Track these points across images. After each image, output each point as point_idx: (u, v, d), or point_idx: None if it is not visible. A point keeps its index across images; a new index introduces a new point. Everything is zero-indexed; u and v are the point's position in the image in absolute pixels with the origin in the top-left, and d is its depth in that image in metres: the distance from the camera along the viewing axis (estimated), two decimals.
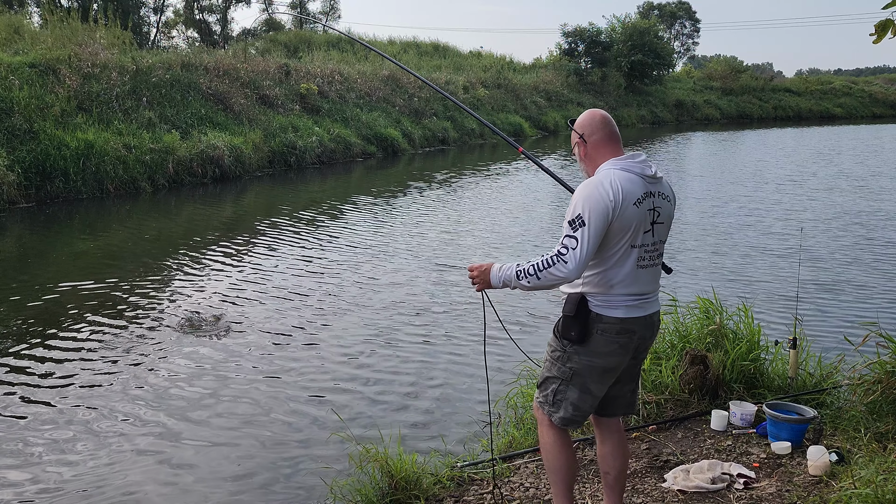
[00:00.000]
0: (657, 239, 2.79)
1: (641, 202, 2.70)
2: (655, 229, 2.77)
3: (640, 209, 2.70)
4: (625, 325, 2.75)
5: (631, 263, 2.72)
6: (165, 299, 7.40)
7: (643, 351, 2.93)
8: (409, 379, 5.47)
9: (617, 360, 2.80)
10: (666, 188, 2.83)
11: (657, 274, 2.86)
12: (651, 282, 2.82)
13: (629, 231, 2.69)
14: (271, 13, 49.10)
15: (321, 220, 11.82)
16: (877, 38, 3.39)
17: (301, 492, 3.94)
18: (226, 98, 18.31)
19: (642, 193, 2.71)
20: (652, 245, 2.77)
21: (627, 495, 3.50)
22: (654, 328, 2.90)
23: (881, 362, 4.05)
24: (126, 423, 4.69)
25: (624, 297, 2.75)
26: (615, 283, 2.73)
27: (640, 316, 2.79)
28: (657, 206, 2.76)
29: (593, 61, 40.47)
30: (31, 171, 12.55)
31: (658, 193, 2.77)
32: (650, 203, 2.73)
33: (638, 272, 2.75)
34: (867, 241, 10.22)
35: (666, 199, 2.81)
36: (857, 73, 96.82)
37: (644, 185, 2.72)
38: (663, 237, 2.83)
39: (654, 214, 2.75)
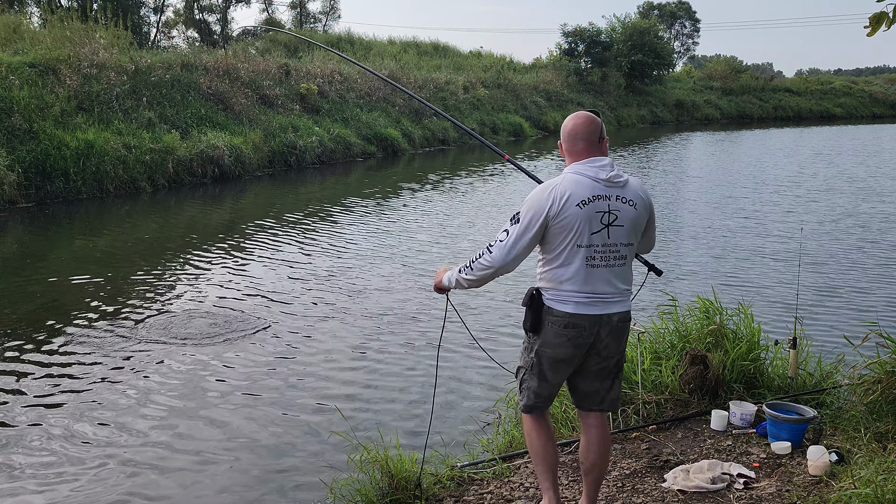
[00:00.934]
0: (614, 241, 2.86)
1: (587, 203, 2.82)
2: (611, 232, 2.85)
3: (585, 210, 2.82)
4: (572, 319, 2.88)
5: (578, 262, 2.85)
6: (165, 300, 7.40)
7: (606, 350, 2.96)
8: (409, 379, 5.47)
9: (566, 352, 2.93)
10: (631, 192, 2.89)
11: (618, 275, 2.90)
12: (607, 282, 2.88)
13: (572, 231, 2.82)
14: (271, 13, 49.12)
15: (321, 221, 11.82)
16: (871, 31, 3.40)
17: (301, 492, 3.94)
18: (226, 98, 18.31)
19: (590, 196, 2.83)
20: (604, 246, 2.85)
21: (627, 495, 3.51)
22: (613, 329, 2.93)
23: (881, 362, 4.05)
24: (125, 424, 4.68)
25: (574, 293, 2.87)
26: (564, 281, 2.87)
27: (593, 314, 2.87)
28: (613, 209, 2.85)
29: (593, 61, 40.47)
30: (31, 171, 12.55)
31: (617, 197, 2.86)
32: (602, 205, 2.83)
33: (589, 271, 2.85)
34: (867, 242, 10.21)
35: (628, 202, 2.87)
36: (857, 73, 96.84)
37: (594, 189, 2.84)
38: (625, 240, 2.88)
39: (609, 217, 2.84)
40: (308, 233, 10.83)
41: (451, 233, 10.86)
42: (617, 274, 2.90)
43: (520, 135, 29.54)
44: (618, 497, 3.49)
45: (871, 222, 11.58)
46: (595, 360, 2.99)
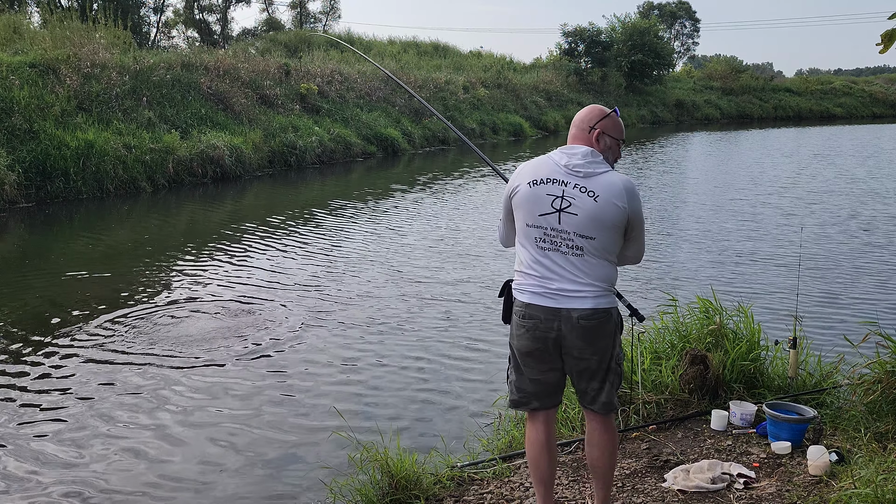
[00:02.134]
0: (566, 229, 2.79)
1: (538, 184, 2.84)
2: (563, 217, 2.80)
3: (534, 190, 2.84)
4: (528, 310, 2.87)
5: (529, 243, 2.87)
6: (165, 300, 7.40)
7: (577, 351, 2.85)
8: (409, 379, 5.47)
9: (528, 345, 2.89)
10: (597, 185, 2.79)
11: (576, 267, 2.80)
12: (562, 271, 2.81)
13: (521, 209, 2.88)
14: (271, 13, 49.12)
15: (321, 221, 11.82)
16: (883, 48, 3.42)
17: (301, 491, 3.94)
18: (226, 98, 18.32)
19: (545, 177, 2.84)
20: (553, 230, 2.81)
21: (627, 495, 3.51)
22: (576, 327, 2.80)
23: (881, 362, 4.05)
24: (124, 424, 4.69)
25: (529, 282, 2.86)
26: (522, 261, 2.90)
27: (548, 307, 2.82)
28: (567, 195, 2.80)
29: (593, 61, 40.47)
30: (31, 171, 12.56)
31: (575, 185, 2.80)
32: (555, 189, 2.81)
33: (539, 253, 2.84)
34: (867, 242, 10.21)
35: (588, 193, 2.78)
36: (857, 73, 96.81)
37: (552, 172, 2.84)
38: (580, 230, 2.79)
39: (561, 202, 2.80)
40: (308, 233, 10.83)
41: (442, 234, 10.86)
42: (574, 265, 2.80)
43: (520, 135, 29.54)
44: (618, 497, 3.49)
45: (871, 222, 11.58)
46: (571, 361, 2.90)
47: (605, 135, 2.92)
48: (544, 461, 3.02)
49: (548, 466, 3.03)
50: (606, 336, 2.87)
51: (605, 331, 2.86)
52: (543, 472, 3.04)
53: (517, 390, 3.03)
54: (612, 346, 2.90)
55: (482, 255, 9.34)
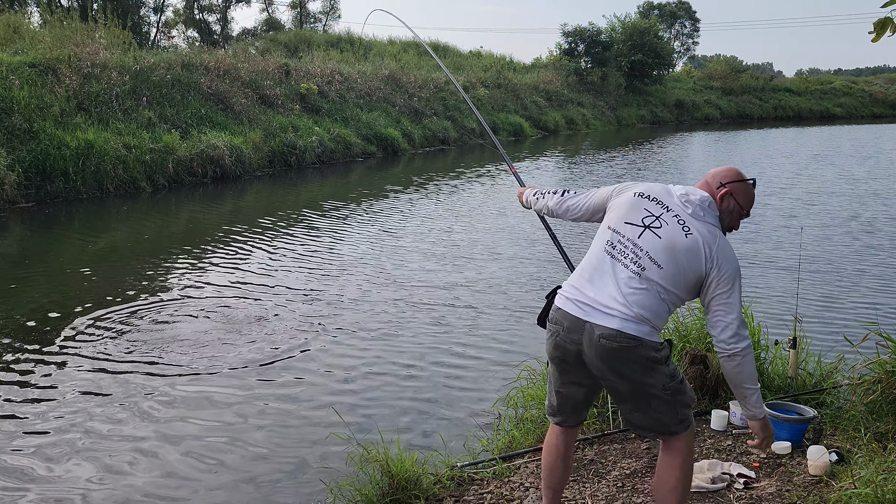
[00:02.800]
0: (642, 245, 2.66)
1: (643, 197, 2.78)
2: (645, 235, 2.67)
3: (637, 200, 2.78)
4: (556, 314, 2.77)
5: (601, 244, 2.77)
6: (165, 300, 7.40)
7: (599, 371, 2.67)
8: (409, 378, 5.47)
9: (551, 351, 2.81)
10: (696, 226, 2.66)
11: (627, 285, 2.63)
12: (605, 280, 2.66)
13: (614, 210, 2.82)
14: (271, 13, 49.11)
15: (319, 222, 11.82)
16: (876, 37, 3.40)
17: (301, 492, 3.93)
18: (226, 98, 18.32)
19: (653, 196, 2.78)
20: (629, 241, 2.68)
21: (627, 495, 3.51)
22: (596, 346, 2.62)
23: (881, 362, 4.05)
24: (123, 424, 4.69)
25: (574, 284, 2.76)
26: (582, 262, 2.82)
27: (573, 315, 2.68)
28: (663, 219, 2.69)
29: (593, 61, 40.46)
30: (31, 171, 12.55)
31: (675, 215, 2.69)
32: (655, 209, 2.73)
33: (602, 257, 2.72)
34: (867, 242, 10.21)
35: (683, 226, 2.65)
36: (857, 72, 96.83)
37: (663, 195, 2.78)
38: (655, 256, 2.63)
39: (651, 220, 2.70)
40: (308, 233, 10.83)
41: (441, 236, 10.87)
42: (625, 282, 2.63)
43: (520, 135, 29.54)
44: (618, 497, 3.49)
45: (872, 223, 11.58)
46: (599, 379, 2.76)
47: (732, 197, 2.82)
48: (558, 470, 2.98)
49: (561, 475, 3.00)
50: (634, 364, 2.63)
51: (632, 358, 2.61)
52: (556, 481, 3.00)
53: (549, 395, 2.96)
54: (645, 377, 2.65)
55: (483, 257, 9.34)
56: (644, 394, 2.69)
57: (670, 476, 2.78)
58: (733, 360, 2.64)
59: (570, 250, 3.62)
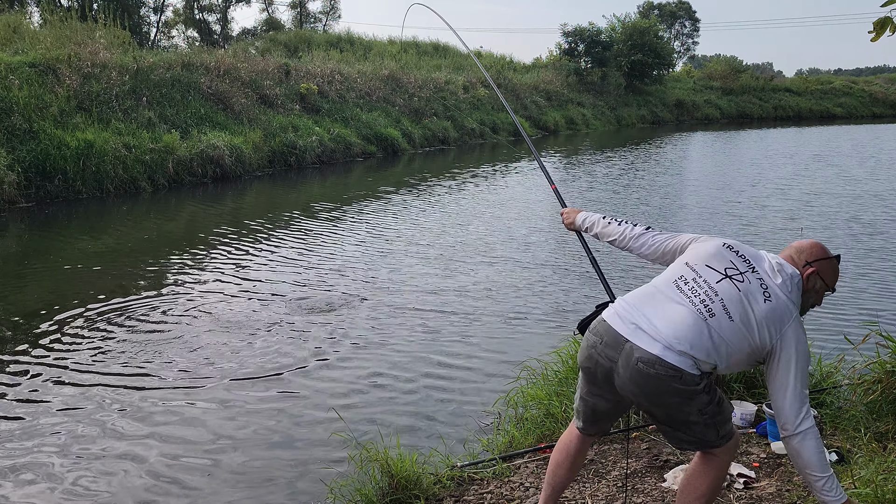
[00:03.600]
0: (718, 291, 2.56)
1: (731, 250, 2.69)
2: (724, 283, 2.57)
3: (723, 251, 2.68)
4: (598, 324, 2.67)
5: (673, 275, 2.66)
6: (165, 301, 7.40)
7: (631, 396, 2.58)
8: (410, 378, 5.47)
9: (583, 359, 2.72)
10: (776, 295, 2.56)
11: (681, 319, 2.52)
12: (665, 311, 2.55)
13: (694, 251, 2.74)
14: (271, 13, 49.10)
15: (321, 221, 11.83)
16: (875, 36, 3.39)
17: (301, 492, 3.94)
18: (226, 98, 18.32)
19: (741, 252, 2.68)
20: (705, 284, 2.58)
21: (627, 495, 3.51)
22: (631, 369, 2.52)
23: (881, 362, 4.05)
24: (122, 424, 4.69)
25: (624, 303, 2.66)
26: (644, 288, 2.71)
27: (616, 330, 2.58)
28: (747, 275, 2.60)
29: (593, 61, 40.47)
30: (30, 171, 12.56)
31: (760, 279, 2.59)
32: (741, 266, 2.63)
33: (670, 289, 2.61)
34: (868, 242, 10.21)
35: (764, 291, 2.56)
36: (858, 72, 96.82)
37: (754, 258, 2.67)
38: (728, 302, 2.53)
39: (735, 273, 2.60)
40: (308, 233, 10.83)
41: (453, 227, 10.88)
42: (686, 320, 2.51)
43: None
44: (618, 497, 3.49)
45: (872, 223, 11.58)
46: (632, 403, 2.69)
47: (818, 276, 2.70)
48: (563, 470, 2.94)
49: (564, 476, 2.96)
50: (673, 394, 2.51)
51: (672, 389, 2.50)
52: (558, 480, 2.96)
53: (576, 398, 2.89)
54: (683, 405, 2.55)
55: (482, 259, 9.34)
56: (681, 421, 2.60)
57: (701, 483, 2.70)
58: (791, 442, 2.54)
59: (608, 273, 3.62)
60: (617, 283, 7.44)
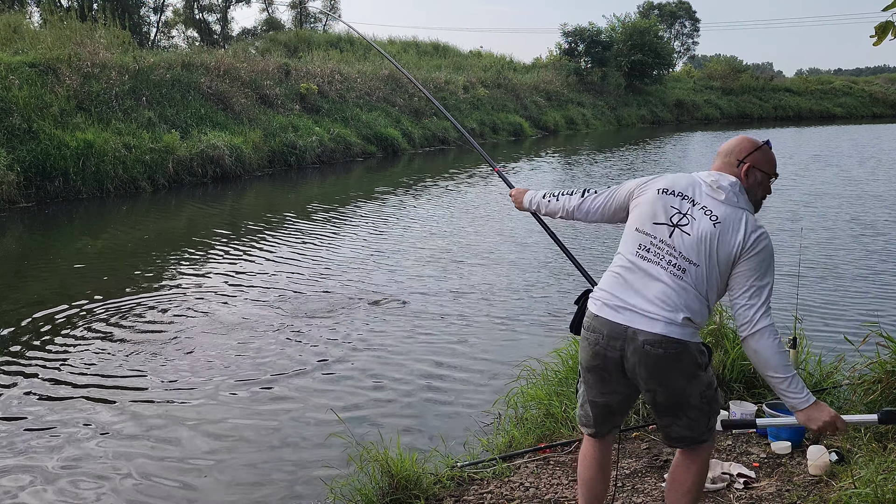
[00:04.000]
0: (679, 248, 2.58)
1: (667, 194, 2.68)
2: (676, 235, 2.60)
3: (661, 197, 2.68)
4: (593, 322, 2.67)
5: (632, 247, 2.67)
6: (165, 301, 7.40)
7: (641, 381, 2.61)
8: (409, 379, 5.46)
9: (588, 359, 2.71)
10: (723, 212, 2.58)
11: (667, 287, 2.56)
12: (647, 282, 2.58)
13: (638, 209, 2.73)
14: (271, 13, 49.10)
15: (320, 220, 11.83)
16: (877, 41, 3.39)
17: (301, 492, 3.93)
18: (226, 98, 18.32)
19: (678, 190, 2.68)
20: (662, 242, 2.60)
21: (627, 495, 3.51)
22: (640, 352, 2.54)
23: (881, 362, 4.05)
24: (120, 424, 4.69)
25: (607, 288, 2.67)
26: (613, 266, 2.72)
27: (614, 321, 2.60)
28: (689, 213, 2.61)
29: (593, 61, 40.46)
30: (30, 171, 12.56)
31: (703, 206, 2.61)
32: (679, 204, 2.64)
33: (638, 260, 2.62)
34: (867, 242, 10.21)
35: (711, 217, 2.58)
36: (858, 72, 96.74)
37: (689, 186, 2.68)
38: (687, 252, 2.56)
39: (678, 217, 2.62)
40: (308, 234, 10.83)
41: (449, 230, 10.87)
42: (668, 284, 2.56)
43: (520, 134, 29.54)
44: (618, 497, 3.49)
45: (872, 224, 11.58)
46: (640, 388, 2.68)
47: (755, 169, 2.69)
48: (598, 482, 2.85)
49: (601, 487, 2.86)
50: (680, 372, 2.57)
51: (679, 366, 2.56)
52: (595, 494, 2.86)
53: (582, 405, 2.85)
54: (687, 385, 2.60)
55: (481, 260, 9.34)
56: (683, 404, 2.63)
57: (687, 479, 2.74)
58: (749, 343, 2.55)
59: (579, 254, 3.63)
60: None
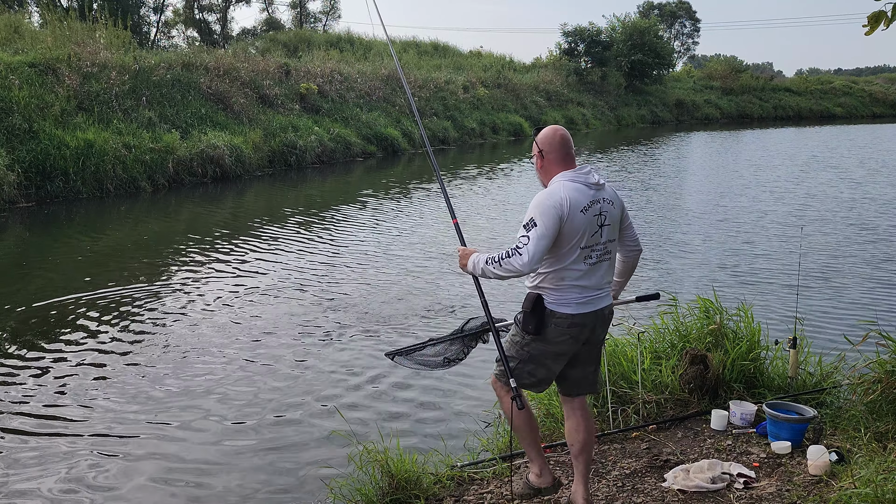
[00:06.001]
0: (606, 239, 3.15)
1: (588, 209, 3.08)
2: (603, 231, 3.13)
3: (587, 215, 3.08)
4: (575, 319, 3.12)
5: (582, 262, 3.10)
6: (165, 301, 7.40)
7: (597, 339, 3.28)
8: (409, 378, 5.46)
9: (567, 347, 3.18)
10: (609, 193, 3.17)
11: (608, 271, 3.21)
12: (602, 277, 3.17)
13: (577, 234, 3.06)
14: (271, 13, 49.10)
15: (320, 221, 11.83)
16: (869, 30, 3.40)
17: (301, 491, 3.93)
18: (226, 98, 18.31)
19: (588, 202, 3.09)
20: (600, 245, 3.13)
21: (627, 495, 3.51)
22: (605, 321, 3.25)
23: (881, 361, 4.05)
24: (121, 424, 4.69)
25: (575, 293, 3.11)
26: (566, 279, 3.10)
27: (591, 311, 3.15)
28: (603, 210, 3.13)
29: (593, 61, 40.48)
30: (31, 171, 12.56)
31: (602, 199, 3.13)
32: (596, 209, 3.10)
33: (589, 269, 3.12)
34: (867, 241, 10.22)
35: (610, 203, 3.15)
36: (858, 72, 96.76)
37: (589, 195, 3.10)
38: (612, 237, 3.18)
39: (601, 219, 3.12)
40: (308, 233, 10.83)
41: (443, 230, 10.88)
42: (607, 269, 3.21)
43: (519, 134, 29.55)
44: (618, 497, 3.49)
45: (872, 224, 11.59)
46: (587, 349, 3.25)
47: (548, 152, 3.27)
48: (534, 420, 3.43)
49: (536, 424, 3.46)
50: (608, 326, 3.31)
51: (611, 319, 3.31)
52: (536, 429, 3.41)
53: (531, 375, 3.23)
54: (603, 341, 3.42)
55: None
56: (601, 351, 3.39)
57: (592, 423, 3.37)
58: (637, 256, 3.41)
59: None
60: None
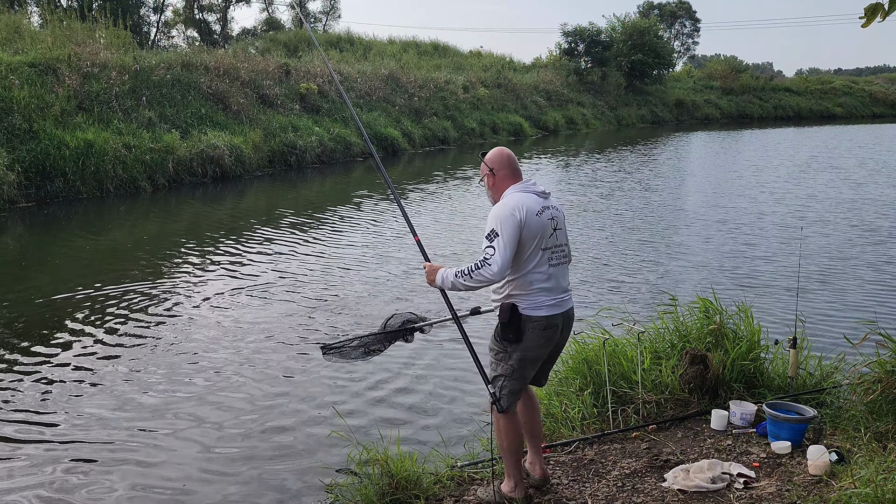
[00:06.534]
0: (561, 242, 3.41)
1: (541, 213, 3.32)
2: (557, 234, 3.39)
3: (541, 218, 3.32)
4: (549, 321, 3.34)
5: (545, 263, 3.33)
6: (164, 301, 7.40)
7: (562, 338, 3.50)
8: (409, 379, 5.47)
9: (544, 350, 3.41)
10: (554, 202, 3.45)
11: (566, 273, 3.45)
12: (563, 278, 3.42)
13: (537, 237, 3.29)
14: (271, 13, 49.10)
15: (320, 221, 11.83)
16: (866, 22, 3.40)
17: (301, 491, 3.93)
18: (226, 97, 18.31)
19: (540, 207, 3.34)
20: (556, 247, 3.37)
21: (627, 495, 3.51)
22: (570, 321, 3.50)
23: (881, 361, 4.05)
24: (122, 423, 4.69)
25: (544, 295, 3.32)
26: (534, 283, 3.31)
27: (560, 312, 3.38)
28: (553, 215, 3.39)
29: (593, 61, 40.48)
30: (30, 171, 12.56)
31: (551, 206, 3.40)
32: (548, 214, 3.36)
33: (551, 270, 3.34)
34: (867, 241, 10.22)
35: (556, 209, 3.43)
36: (858, 72, 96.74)
37: (539, 201, 3.35)
38: (565, 240, 3.44)
39: (554, 223, 3.37)
40: (308, 233, 10.83)
41: (449, 230, 10.87)
42: (565, 271, 3.46)
43: (520, 134, 29.54)
44: (618, 497, 3.49)
45: (872, 224, 11.59)
46: (553, 351, 3.52)
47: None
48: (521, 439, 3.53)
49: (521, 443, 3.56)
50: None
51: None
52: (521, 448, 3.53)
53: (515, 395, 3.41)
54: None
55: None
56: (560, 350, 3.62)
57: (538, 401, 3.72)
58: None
59: None
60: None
